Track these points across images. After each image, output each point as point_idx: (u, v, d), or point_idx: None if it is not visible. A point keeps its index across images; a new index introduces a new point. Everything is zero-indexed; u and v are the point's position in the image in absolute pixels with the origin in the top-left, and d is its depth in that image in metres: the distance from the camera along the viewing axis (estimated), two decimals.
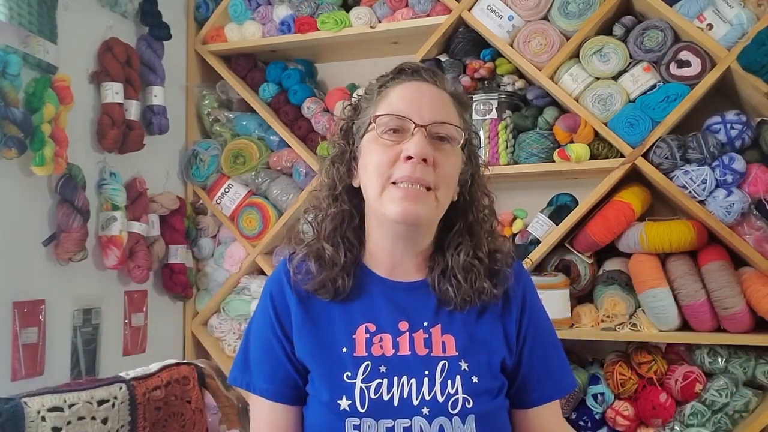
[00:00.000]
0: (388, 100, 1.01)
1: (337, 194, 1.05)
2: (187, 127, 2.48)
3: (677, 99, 1.92)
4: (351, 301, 1.03)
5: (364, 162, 1.02)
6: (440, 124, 0.99)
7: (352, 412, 0.94)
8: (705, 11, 1.90)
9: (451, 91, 1.04)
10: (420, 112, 0.98)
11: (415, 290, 1.04)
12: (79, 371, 1.90)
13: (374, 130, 1.00)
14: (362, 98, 1.07)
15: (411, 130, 0.97)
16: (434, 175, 0.97)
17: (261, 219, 2.35)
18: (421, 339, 0.99)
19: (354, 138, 1.05)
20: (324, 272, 1.02)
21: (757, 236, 1.87)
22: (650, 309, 1.93)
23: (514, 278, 1.05)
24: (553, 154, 2.05)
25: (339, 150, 1.06)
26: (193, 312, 2.46)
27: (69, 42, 1.91)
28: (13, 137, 1.64)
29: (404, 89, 1.01)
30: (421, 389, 0.95)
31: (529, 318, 1.05)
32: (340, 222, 1.05)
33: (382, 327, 1.00)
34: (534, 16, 2.08)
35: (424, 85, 1.02)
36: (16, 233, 1.74)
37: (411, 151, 0.95)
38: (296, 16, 2.32)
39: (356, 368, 0.97)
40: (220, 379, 1.40)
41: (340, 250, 1.03)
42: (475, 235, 1.05)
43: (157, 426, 1.26)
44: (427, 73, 1.03)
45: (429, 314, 1.02)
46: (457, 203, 1.05)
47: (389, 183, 0.97)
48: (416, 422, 0.94)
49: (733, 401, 1.88)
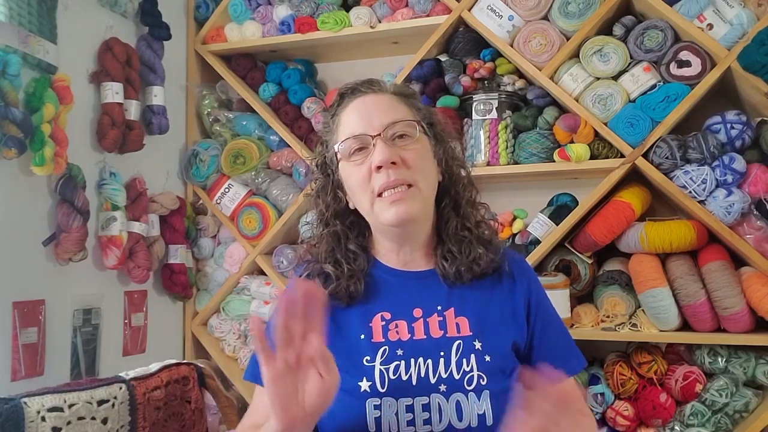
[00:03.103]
0: (341, 125, 1.09)
1: (327, 219, 1.13)
2: (187, 127, 2.48)
3: (677, 99, 1.92)
4: (367, 298, 1.09)
5: (348, 186, 1.09)
6: (392, 125, 1.05)
7: (372, 392, 0.99)
8: (705, 11, 1.90)
9: (392, 91, 1.11)
10: (371, 123, 1.05)
11: (427, 278, 1.10)
12: (79, 371, 1.90)
13: (342, 157, 1.07)
14: (323, 132, 1.15)
15: (371, 142, 1.04)
16: (409, 171, 1.03)
17: (261, 219, 2.35)
18: (436, 322, 1.05)
19: (331, 168, 1.13)
20: (332, 285, 1.08)
21: (757, 236, 1.87)
22: (650, 309, 1.93)
23: (517, 264, 1.12)
24: (553, 154, 2.05)
25: (321, 183, 1.15)
26: (193, 312, 2.46)
27: (69, 42, 1.91)
28: (13, 137, 1.64)
29: (350, 110, 1.08)
30: (437, 368, 1.01)
31: (537, 302, 1.11)
32: (337, 242, 1.12)
33: (397, 314, 1.06)
34: (534, 16, 2.08)
35: (366, 98, 1.09)
36: (16, 233, 1.74)
37: (377, 161, 1.02)
38: (296, 16, 2.32)
39: (374, 352, 1.02)
40: (219, 379, 1.40)
41: (342, 264, 1.09)
42: (460, 207, 1.12)
43: (157, 426, 1.26)
44: (364, 86, 1.11)
45: (442, 299, 1.07)
46: (441, 182, 1.12)
47: (375, 196, 1.04)
48: (434, 399, 0.99)
49: (733, 401, 1.88)
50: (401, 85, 1.15)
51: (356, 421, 0.99)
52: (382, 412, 0.98)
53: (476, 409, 0.98)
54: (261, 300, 2.35)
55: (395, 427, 0.98)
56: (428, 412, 0.99)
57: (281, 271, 2.33)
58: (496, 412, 0.99)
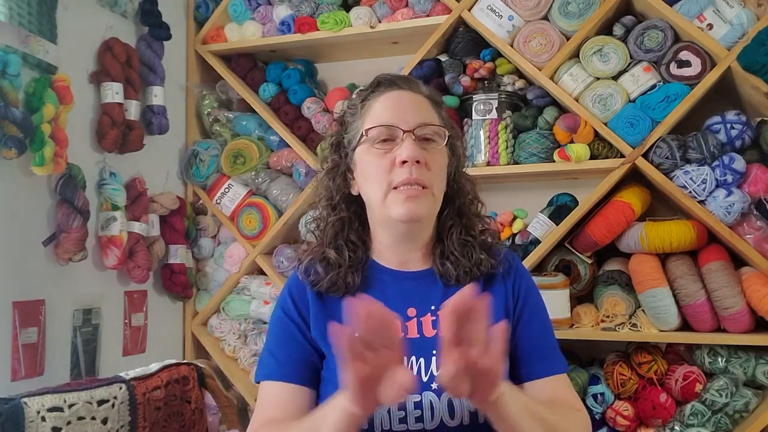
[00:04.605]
0: (372, 112, 1.09)
1: (335, 203, 1.13)
2: (187, 127, 2.48)
3: (677, 99, 1.92)
4: (362, 293, 1.07)
5: (362, 172, 1.09)
6: (424, 126, 1.07)
7: None
8: (705, 11, 1.90)
9: (427, 94, 1.13)
10: (404, 118, 1.06)
11: (422, 278, 1.11)
12: (79, 371, 1.90)
13: (366, 142, 1.07)
14: (347, 113, 1.15)
15: (400, 136, 1.05)
16: (428, 174, 1.05)
17: (261, 219, 2.35)
18: (429, 322, 1.06)
19: (345, 151, 1.13)
20: (331, 273, 1.09)
21: (757, 236, 1.87)
22: (650, 309, 1.93)
23: (509, 261, 1.14)
24: (553, 154, 2.05)
25: (332, 164, 1.14)
26: (193, 312, 2.46)
27: (69, 42, 1.91)
28: (13, 137, 1.64)
29: (385, 100, 1.09)
30: (429, 366, 1.02)
31: (525, 296, 1.12)
32: (341, 228, 1.13)
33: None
34: (534, 16, 2.08)
35: (403, 93, 1.10)
36: (16, 233, 1.73)
37: (404, 156, 1.03)
38: (296, 16, 2.32)
39: None
40: (219, 379, 1.40)
41: (344, 253, 1.10)
42: (465, 216, 1.14)
43: (156, 426, 1.26)
44: (402, 81, 1.12)
45: (436, 299, 1.08)
46: (447, 193, 1.13)
47: (391, 188, 1.05)
48: (426, 397, 1.00)
49: (733, 401, 1.88)
50: (434, 92, 1.16)
51: None
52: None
53: (468, 406, 1.00)
54: (261, 300, 2.35)
55: (387, 424, 0.99)
56: (420, 409, 1.00)
57: (281, 271, 2.33)
58: None
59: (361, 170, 1.09)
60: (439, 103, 1.14)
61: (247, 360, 2.38)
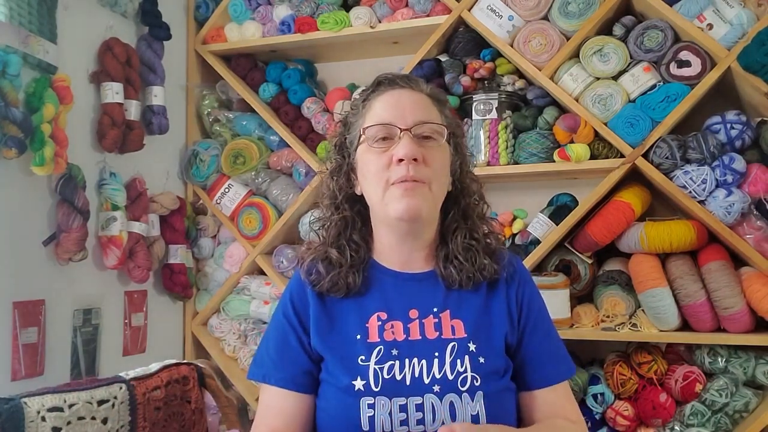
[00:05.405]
0: (372, 111, 1.09)
1: (339, 203, 1.13)
2: (187, 127, 2.48)
3: (677, 99, 1.92)
4: (363, 294, 1.10)
5: (362, 171, 1.09)
6: (423, 125, 1.06)
7: (366, 391, 1.01)
8: (705, 11, 1.90)
9: (428, 93, 1.12)
10: (403, 116, 1.06)
11: (425, 280, 1.11)
12: (79, 371, 1.90)
13: (365, 141, 1.08)
14: (349, 114, 1.15)
15: (398, 134, 1.05)
16: (426, 170, 1.04)
17: (261, 219, 2.35)
18: (432, 324, 1.06)
19: (348, 151, 1.13)
20: (333, 272, 1.09)
21: (757, 236, 1.87)
22: (650, 309, 1.93)
23: (513, 265, 1.13)
24: (553, 154, 2.05)
25: (336, 164, 1.15)
26: (193, 312, 2.46)
27: (69, 42, 1.91)
28: (13, 137, 1.64)
29: (385, 99, 1.09)
30: (431, 369, 1.02)
31: (529, 304, 1.11)
32: (344, 228, 1.13)
33: (393, 315, 1.07)
34: (534, 16, 2.08)
35: (403, 92, 1.10)
36: (16, 233, 1.74)
37: (401, 153, 1.03)
38: (296, 16, 2.32)
39: (369, 352, 1.04)
40: (220, 379, 1.40)
41: (346, 252, 1.10)
42: (470, 218, 1.13)
43: (157, 426, 1.26)
44: (402, 80, 1.12)
45: (438, 301, 1.08)
46: (451, 193, 1.13)
47: (389, 185, 1.05)
48: (428, 399, 1.00)
49: (733, 401, 1.88)
50: (437, 90, 1.16)
51: (350, 419, 1.00)
52: (376, 411, 0.99)
53: (470, 409, 1.00)
54: (261, 300, 2.36)
55: (389, 426, 0.99)
56: (422, 412, 1.00)
57: (281, 271, 2.33)
58: (489, 412, 1.00)
59: (362, 169, 1.10)
60: (441, 102, 1.14)
61: (247, 360, 2.38)
